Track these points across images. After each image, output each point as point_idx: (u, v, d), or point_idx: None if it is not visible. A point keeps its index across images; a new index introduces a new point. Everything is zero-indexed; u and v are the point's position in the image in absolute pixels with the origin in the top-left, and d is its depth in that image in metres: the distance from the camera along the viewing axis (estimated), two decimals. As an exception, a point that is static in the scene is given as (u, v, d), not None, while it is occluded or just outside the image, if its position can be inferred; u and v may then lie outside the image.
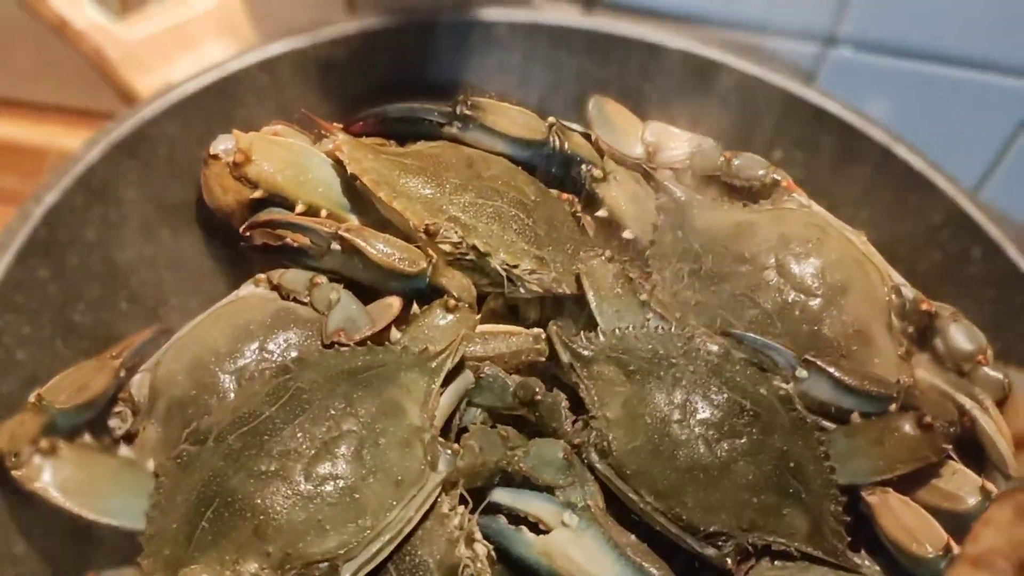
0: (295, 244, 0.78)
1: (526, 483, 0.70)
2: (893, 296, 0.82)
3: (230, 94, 0.83)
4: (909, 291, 0.83)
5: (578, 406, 0.75)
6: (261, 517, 0.61)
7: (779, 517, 0.71)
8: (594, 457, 0.72)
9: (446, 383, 0.72)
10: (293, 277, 0.78)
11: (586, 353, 0.76)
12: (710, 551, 0.70)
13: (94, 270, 0.75)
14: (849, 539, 0.72)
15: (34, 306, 0.70)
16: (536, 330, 0.81)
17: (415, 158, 0.84)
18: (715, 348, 0.76)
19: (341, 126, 0.85)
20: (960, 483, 0.73)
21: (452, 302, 0.76)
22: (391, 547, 0.63)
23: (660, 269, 0.85)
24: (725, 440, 0.71)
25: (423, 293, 0.78)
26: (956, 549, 0.68)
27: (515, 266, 0.80)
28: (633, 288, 0.81)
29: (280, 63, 0.86)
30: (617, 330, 0.77)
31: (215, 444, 0.65)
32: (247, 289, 0.79)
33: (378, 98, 0.88)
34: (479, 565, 0.65)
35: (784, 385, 0.76)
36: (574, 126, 0.92)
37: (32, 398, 0.65)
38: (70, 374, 0.69)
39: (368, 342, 0.73)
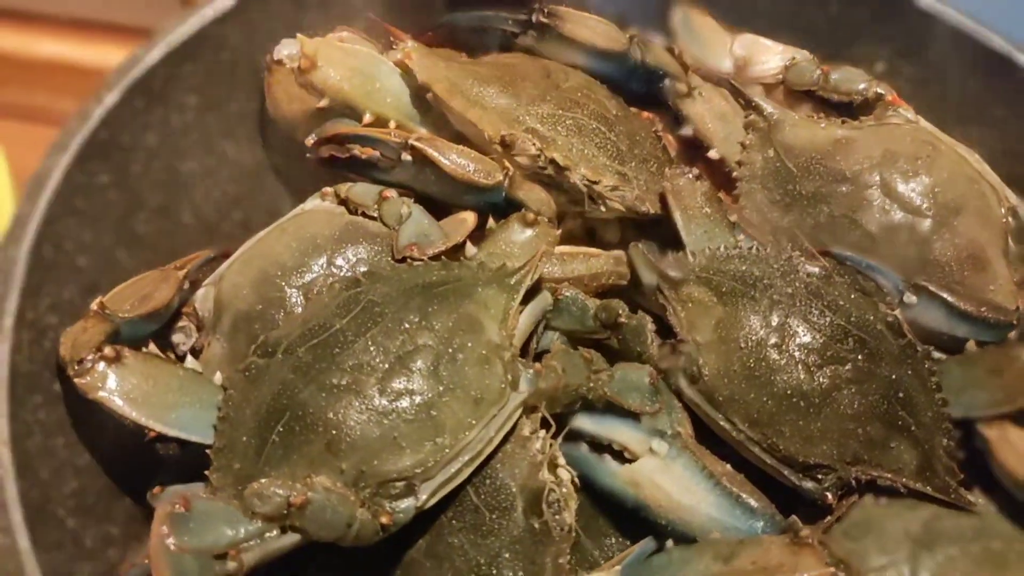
0: (363, 156, 0.73)
1: (609, 411, 0.66)
2: (1010, 218, 0.75)
3: (294, -3, 0.78)
4: (1028, 213, 0.76)
5: (663, 331, 0.70)
6: (334, 432, 0.57)
7: (886, 450, 0.65)
8: (683, 382, 0.67)
9: (523, 303, 0.67)
10: (361, 191, 0.74)
11: (673, 274, 0.70)
12: (809, 484, 0.65)
13: (156, 178, 0.72)
14: (962, 476, 0.67)
15: (95, 212, 0.67)
16: (617, 252, 0.76)
17: (489, 67, 0.79)
18: (815, 270, 0.70)
19: (410, 35, 0.80)
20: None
21: (531, 216, 0.72)
22: (470, 469, 0.59)
23: (750, 191, 0.79)
24: (827, 366, 0.66)
25: (499, 207, 0.73)
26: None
27: (596, 182, 0.75)
28: (722, 208, 0.76)
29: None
30: (707, 250, 0.72)
31: (284, 356, 0.61)
32: (313, 203, 0.75)
33: (448, 7, 0.83)
34: (564, 490, 0.61)
35: (891, 311, 0.70)
36: (657, 40, 0.85)
37: (95, 306, 0.62)
38: (133, 283, 0.66)
39: (442, 257, 0.69)
